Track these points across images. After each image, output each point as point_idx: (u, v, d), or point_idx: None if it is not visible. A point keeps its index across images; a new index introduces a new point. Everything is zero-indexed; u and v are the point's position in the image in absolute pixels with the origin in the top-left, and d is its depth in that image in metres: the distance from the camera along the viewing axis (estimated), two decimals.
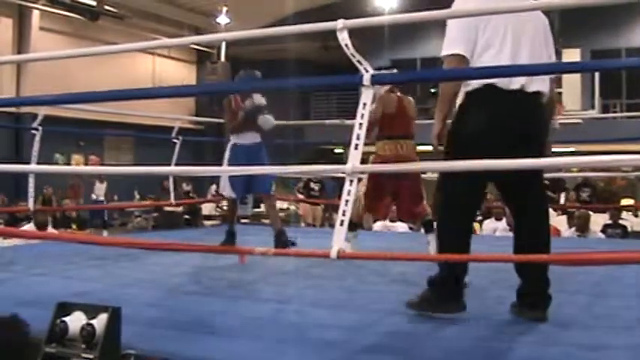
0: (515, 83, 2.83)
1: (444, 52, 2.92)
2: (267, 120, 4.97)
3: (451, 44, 2.89)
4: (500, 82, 2.82)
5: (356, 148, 2.62)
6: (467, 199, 2.97)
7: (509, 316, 3.00)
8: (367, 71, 2.62)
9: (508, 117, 2.86)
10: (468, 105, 2.92)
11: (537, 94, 2.92)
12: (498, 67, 2.85)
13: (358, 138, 2.61)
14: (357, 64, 2.68)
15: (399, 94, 4.80)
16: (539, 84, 2.91)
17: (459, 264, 2.90)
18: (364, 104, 2.62)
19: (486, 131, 2.84)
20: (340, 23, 2.71)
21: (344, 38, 2.69)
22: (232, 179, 4.86)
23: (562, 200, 12.87)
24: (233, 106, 4.99)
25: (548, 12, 3.09)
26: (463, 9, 2.90)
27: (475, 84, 2.87)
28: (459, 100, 2.97)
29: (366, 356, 2.47)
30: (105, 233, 12.15)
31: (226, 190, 4.98)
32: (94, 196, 13.87)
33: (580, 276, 3.87)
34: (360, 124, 2.61)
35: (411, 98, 4.92)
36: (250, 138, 5.01)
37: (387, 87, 4.56)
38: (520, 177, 2.88)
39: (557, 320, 2.93)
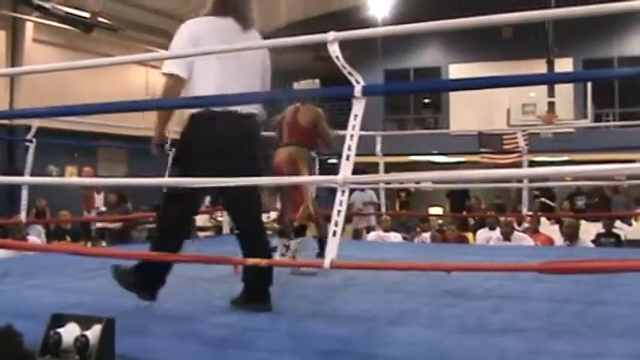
0: (234, 106, 3.19)
1: (164, 70, 3.27)
2: None
3: (172, 64, 3.23)
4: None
5: (347, 159, 2.65)
6: (184, 210, 3.41)
7: (503, 325, 3.02)
8: (358, 83, 2.64)
9: (230, 136, 3.20)
10: (199, 122, 3.23)
11: (252, 116, 3.30)
12: (461, 80, 2.89)
13: (349, 149, 2.64)
14: (349, 76, 2.70)
15: (298, 104, 5.07)
16: (253, 106, 3.30)
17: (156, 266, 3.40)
18: (355, 115, 2.65)
19: (216, 147, 3.17)
20: (331, 35, 2.74)
21: (334, 50, 2.72)
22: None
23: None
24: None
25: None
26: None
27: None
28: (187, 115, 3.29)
29: None
30: (103, 244, 12.10)
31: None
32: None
33: (571, 284, 3.89)
34: (352, 135, 2.64)
35: (311, 107, 5.13)
36: None
37: None
38: (239, 193, 3.13)
39: (550, 329, 2.94)
